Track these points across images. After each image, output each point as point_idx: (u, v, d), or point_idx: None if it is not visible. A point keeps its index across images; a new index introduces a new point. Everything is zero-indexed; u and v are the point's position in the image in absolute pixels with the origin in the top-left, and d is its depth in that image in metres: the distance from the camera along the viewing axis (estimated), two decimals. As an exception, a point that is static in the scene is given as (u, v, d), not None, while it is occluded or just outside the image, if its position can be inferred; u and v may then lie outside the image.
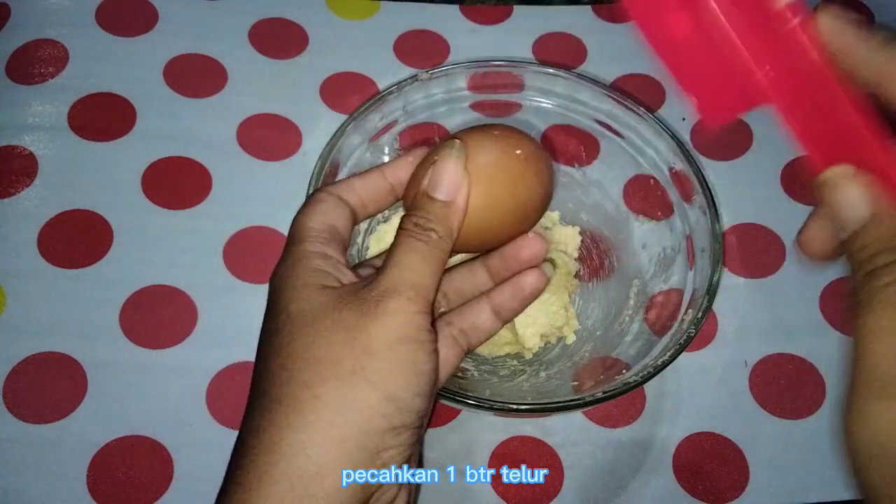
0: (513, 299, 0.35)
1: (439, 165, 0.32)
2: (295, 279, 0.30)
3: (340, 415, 0.27)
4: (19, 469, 0.44)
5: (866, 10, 0.64)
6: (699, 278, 0.43)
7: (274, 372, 0.29)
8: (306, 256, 0.31)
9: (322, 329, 0.28)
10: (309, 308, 0.29)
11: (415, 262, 0.30)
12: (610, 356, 0.45)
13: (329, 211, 0.33)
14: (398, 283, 0.29)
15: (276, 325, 0.29)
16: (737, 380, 0.49)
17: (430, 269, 0.30)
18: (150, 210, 0.53)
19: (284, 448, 0.27)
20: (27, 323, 0.48)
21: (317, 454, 0.27)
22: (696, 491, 0.45)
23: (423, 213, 0.31)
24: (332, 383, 0.27)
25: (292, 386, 0.28)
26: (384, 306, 0.28)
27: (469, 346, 0.35)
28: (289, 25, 0.62)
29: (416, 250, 0.30)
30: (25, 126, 0.55)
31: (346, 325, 0.28)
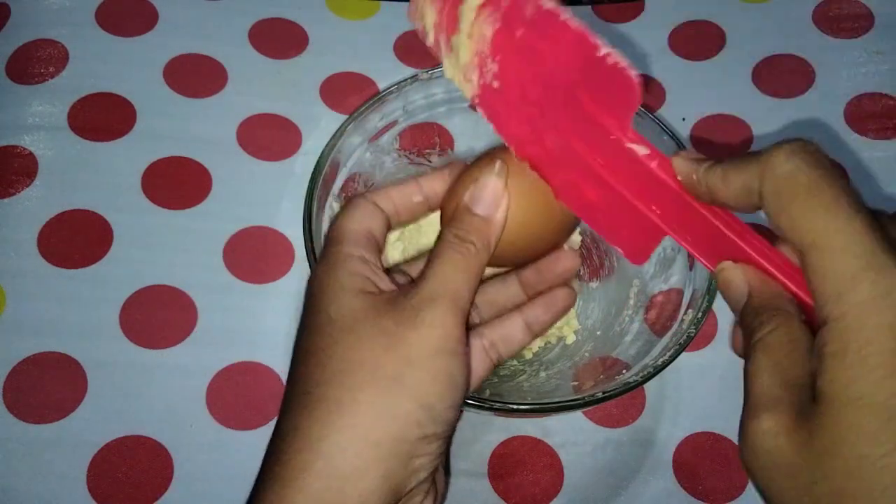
0: (546, 313, 0.37)
1: (481, 183, 0.33)
2: (336, 282, 0.31)
3: (379, 420, 0.28)
4: (19, 469, 0.44)
5: (866, 10, 0.64)
6: (699, 278, 0.43)
7: (314, 372, 0.29)
8: (347, 259, 0.31)
9: (363, 335, 0.29)
10: (350, 312, 0.30)
11: (453, 272, 0.31)
12: (610, 356, 0.45)
13: (367, 216, 0.33)
14: (437, 293, 0.30)
15: (316, 326, 0.30)
16: (737, 380, 0.48)
17: (467, 280, 0.31)
18: (150, 210, 0.53)
19: (324, 447, 0.28)
20: (27, 323, 0.48)
21: (354, 456, 0.28)
22: (696, 491, 0.45)
23: (464, 225, 0.32)
24: (372, 389, 0.28)
25: (333, 387, 0.28)
26: (423, 316, 0.29)
27: (499, 358, 0.36)
28: (289, 25, 0.62)
29: (454, 262, 0.31)
30: (25, 126, 0.55)
31: (386, 332, 0.29)
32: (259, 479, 0.29)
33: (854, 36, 0.63)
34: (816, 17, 0.64)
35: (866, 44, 0.62)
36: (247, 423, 0.46)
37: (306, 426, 0.28)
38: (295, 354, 0.31)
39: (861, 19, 0.63)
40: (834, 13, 0.64)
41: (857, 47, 0.62)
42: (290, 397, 0.30)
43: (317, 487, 0.27)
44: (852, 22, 0.63)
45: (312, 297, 0.31)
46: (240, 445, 0.45)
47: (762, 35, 0.63)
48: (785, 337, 0.25)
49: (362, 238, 0.33)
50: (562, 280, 0.37)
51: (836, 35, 0.63)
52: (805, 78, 0.61)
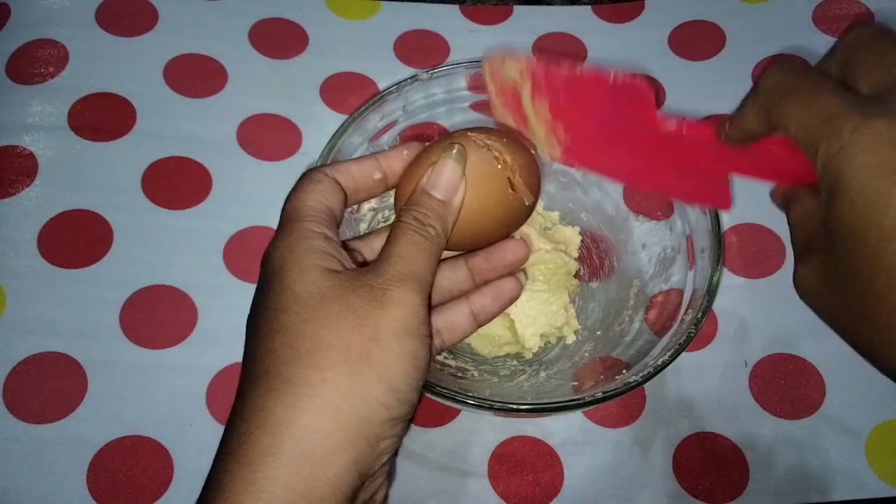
0: (493, 303, 0.37)
1: (440, 166, 0.33)
2: (300, 258, 0.30)
3: (347, 401, 0.27)
4: (19, 469, 0.44)
5: (865, 10, 0.64)
6: (699, 278, 0.43)
7: (280, 351, 0.28)
8: (309, 237, 0.31)
9: (331, 313, 0.29)
10: (317, 290, 0.29)
11: (417, 255, 0.31)
12: (610, 356, 0.45)
13: (326, 191, 0.33)
14: (404, 274, 0.30)
15: (281, 304, 0.29)
16: (737, 380, 0.49)
17: (429, 263, 0.31)
18: (150, 210, 0.53)
19: (293, 430, 0.27)
20: (27, 323, 0.48)
21: (323, 439, 0.27)
22: (696, 491, 0.45)
23: (423, 209, 0.32)
24: (342, 367, 0.28)
25: (301, 367, 0.28)
26: (391, 295, 0.29)
27: (442, 344, 0.36)
28: (289, 25, 0.62)
29: (417, 244, 0.31)
30: (25, 126, 0.55)
31: (354, 311, 0.29)
32: (219, 463, 0.28)
33: None
34: (816, 17, 0.64)
35: (866, 44, 0.62)
36: (247, 423, 0.46)
37: (272, 407, 0.27)
38: (255, 332, 0.30)
39: (861, 19, 0.63)
40: (834, 13, 0.64)
41: (857, 47, 0.62)
42: (253, 376, 0.29)
43: (286, 473, 0.26)
44: (852, 22, 0.63)
45: (275, 273, 0.30)
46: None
47: (762, 35, 0.63)
48: (799, 208, 0.32)
49: (323, 215, 0.32)
50: (511, 269, 0.37)
51: (836, 35, 0.63)
52: (805, 78, 0.61)
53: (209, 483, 0.28)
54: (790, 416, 0.48)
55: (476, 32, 0.63)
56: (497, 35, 0.63)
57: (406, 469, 0.45)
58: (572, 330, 0.48)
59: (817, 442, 0.47)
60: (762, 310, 0.51)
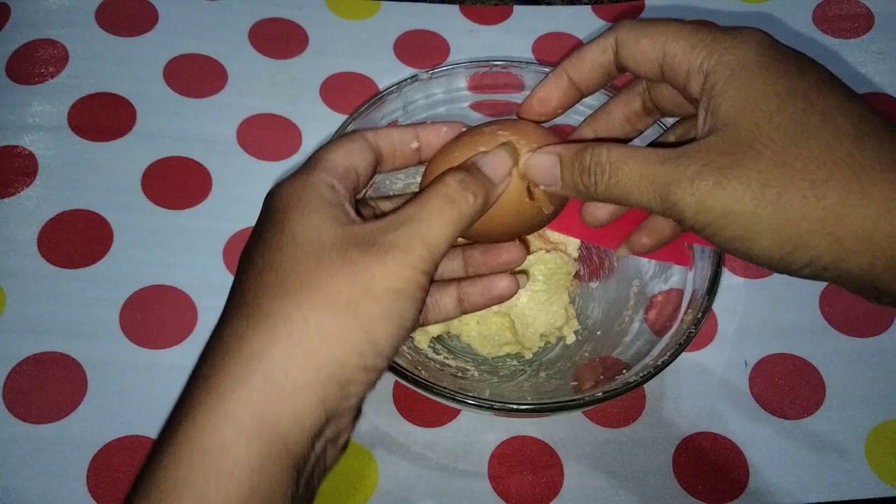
0: (481, 296, 0.36)
1: (493, 153, 0.32)
2: (306, 202, 0.30)
3: (325, 343, 0.27)
4: (19, 469, 0.44)
5: (866, 10, 0.64)
6: (699, 278, 0.43)
7: (268, 286, 0.28)
8: (319, 184, 0.31)
9: (326, 261, 0.28)
10: (317, 237, 0.29)
11: (441, 222, 0.30)
12: (610, 356, 0.45)
13: (355, 152, 0.33)
14: (415, 238, 0.29)
15: (278, 243, 0.29)
16: (737, 380, 0.49)
17: (450, 234, 0.30)
18: (150, 210, 0.53)
19: (265, 363, 0.27)
20: (27, 323, 0.48)
21: (295, 376, 0.27)
22: (696, 491, 0.45)
23: (471, 176, 0.31)
24: (326, 310, 0.27)
25: (285, 304, 0.28)
26: (395, 254, 0.28)
27: (424, 321, 0.36)
28: (289, 25, 0.62)
29: (444, 211, 0.30)
30: (25, 126, 0.55)
31: (351, 262, 0.28)
32: (190, 387, 0.28)
33: (854, 36, 0.63)
34: (816, 17, 0.64)
35: (866, 44, 0.62)
36: (247, 423, 0.46)
37: (249, 338, 0.27)
38: (248, 265, 0.30)
39: (861, 19, 0.63)
40: (834, 13, 0.64)
41: (857, 47, 0.62)
42: (236, 306, 0.29)
43: (254, 402, 0.26)
44: (852, 22, 0.63)
45: (276, 211, 0.30)
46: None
47: (762, 35, 0.63)
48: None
49: (341, 169, 0.32)
50: (504, 268, 0.37)
51: (836, 35, 0.63)
52: (805, 78, 0.61)
53: (179, 404, 0.28)
54: (790, 416, 0.48)
55: (476, 32, 0.63)
56: (497, 35, 0.63)
57: (406, 469, 0.46)
58: (572, 330, 0.48)
59: (817, 442, 0.47)
60: (762, 310, 0.51)
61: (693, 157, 0.28)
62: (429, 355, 0.47)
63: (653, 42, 0.31)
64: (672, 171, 0.28)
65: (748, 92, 0.28)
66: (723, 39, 0.30)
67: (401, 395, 0.48)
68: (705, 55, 0.30)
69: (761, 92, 0.28)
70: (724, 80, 0.29)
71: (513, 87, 0.50)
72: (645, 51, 0.32)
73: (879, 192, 0.26)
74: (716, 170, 0.27)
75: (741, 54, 0.29)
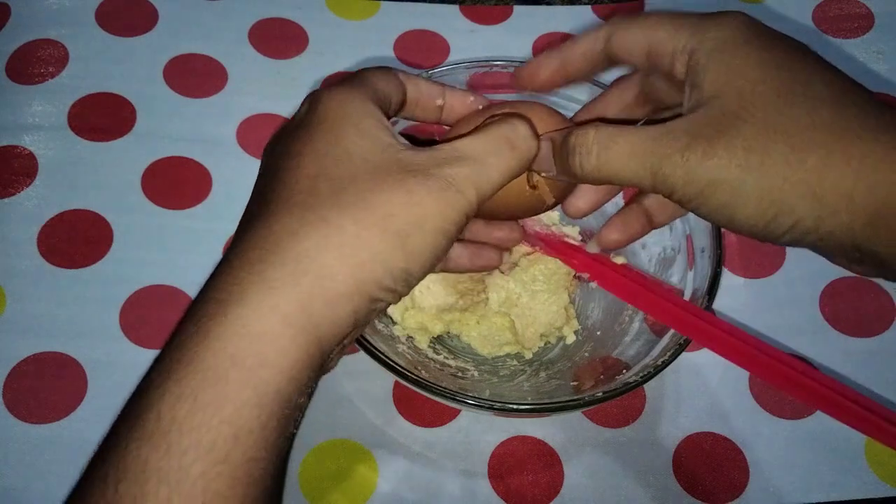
0: (468, 260, 0.37)
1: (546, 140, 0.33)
2: (361, 118, 0.30)
3: (370, 261, 0.28)
4: (19, 469, 0.44)
5: (866, 10, 0.64)
6: (699, 278, 0.43)
7: (323, 194, 0.28)
8: (370, 101, 0.31)
9: (384, 183, 0.28)
10: (374, 157, 0.29)
11: (499, 167, 0.30)
12: (610, 356, 0.45)
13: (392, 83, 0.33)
14: (471, 179, 0.29)
15: (334, 154, 0.29)
16: (737, 380, 0.49)
17: (503, 182, 0.31)
18: (150, 210, 0.53)
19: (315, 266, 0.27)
20: (27, 323, 0.48)
21: (340, 283, 0.27)
22: (696, 491, 0.45)
23: (530, 131, 0.32)
24: (378, 231, 0.28)
25: (341, 215, 0.28)
26: (450, 195, 0.29)
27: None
28: (289, 25, 0.62)
29: (506, 156, 0.31)
30: (25, 126, 0.55)
31: (408, 190, 0.28)
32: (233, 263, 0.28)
33: (854, 36, 0.63)
34: (816, 17, 0.64)
35: (866, 44, 0.62)
36: (247, 423, 0.46)
37: (302, 237, 0.27)
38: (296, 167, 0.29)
39: (861, 19, 0.63)
40: (834, 13, 0.64)
41: (857, 47, 0.62)
42: (288, 204, 0.29)
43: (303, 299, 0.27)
44: (852, 22, 0.63)
45: (327, 119, 0.30)
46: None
47: (762, 35, 0.63)
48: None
49: (382, 94, 0.32)
50: (498, 244, 0.38)
51: (836, 35, 0.63)
52: (805, 78, 0.61)
53: (218, 279, 0.28)
54: (790, 416, 0.48)
55: (476, 32, 0.63)
56: (497, 35, 0.63)
57: (406, 469, 0.45)
58: (572, 330, 0.48)
59: (817, 442, 0.47)
60: (762, 310, 0.51)
61: (681, 131, 0.28)
62: (429, 355, 0.47)
63: (640, 30, 0.32)
64: (661, 147, 0.28)
65: (731, 65, 0.29)
66: (705, 21, 0.31)
67: (401, 395, 0.48)
68: (689, 35, 0.30)
69: (744, 63, 0.29)
70: (707, 55, 0.29)
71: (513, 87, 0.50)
72: (633, 39, 0.32)
73: (860, 151, 0.26)
74: (703, 140, 0.28)
75: (724, 33, 0.30)
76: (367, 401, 0.47)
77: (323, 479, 0.45)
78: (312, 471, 0.45)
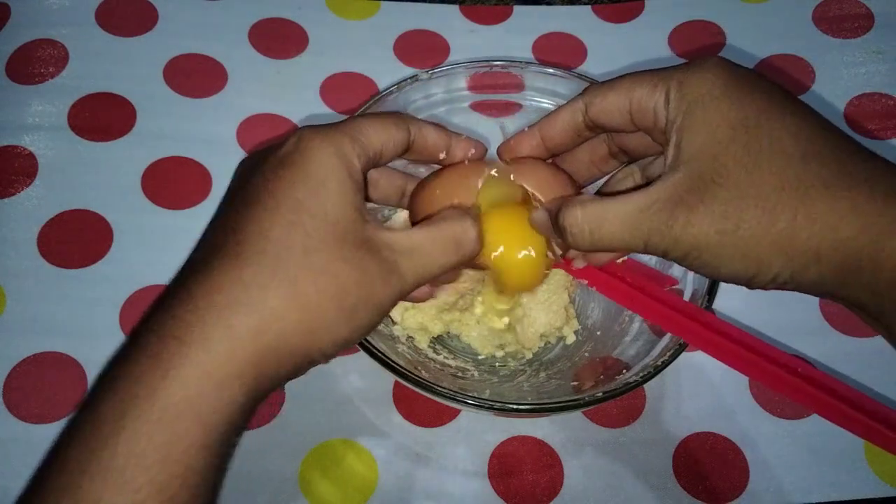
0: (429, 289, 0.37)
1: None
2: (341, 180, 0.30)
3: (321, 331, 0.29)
4: (19, 469, 0.44)
5: (866, 10, 0.64)
6: (699, 278, 0.43)
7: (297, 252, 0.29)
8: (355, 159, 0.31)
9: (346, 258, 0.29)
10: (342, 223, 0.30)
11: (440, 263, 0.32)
12: (610, 356, 0.45)
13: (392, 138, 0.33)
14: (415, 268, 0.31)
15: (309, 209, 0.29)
16: (737, 380, 0.49)
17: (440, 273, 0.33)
18: (150, 210, 0.53)
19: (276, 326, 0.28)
20: (27, 323, 0.48)
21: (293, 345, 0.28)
22: (696, 491, 0.45)
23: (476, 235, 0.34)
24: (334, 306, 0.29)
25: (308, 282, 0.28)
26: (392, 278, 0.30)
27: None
28: (289, 25, 0.62)
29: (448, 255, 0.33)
30: (25, 126, 0.55)
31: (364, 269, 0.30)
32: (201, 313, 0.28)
33: (854, 36, 0.63)
34: (816, 17, 0.64)
35: (866, 44, 0.62)
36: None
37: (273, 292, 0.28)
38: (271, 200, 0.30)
39: (861, 19, 0.63)
40: (834, 13, 0.64)
41: (857, 47, 0.62)
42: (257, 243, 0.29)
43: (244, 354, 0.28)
44: (852, 22, 0.63)
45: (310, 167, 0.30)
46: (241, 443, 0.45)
47: (762, 35, 0.63)
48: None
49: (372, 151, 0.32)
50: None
51: (836, 35, 0.63)
52: (805, 78, 0.61)
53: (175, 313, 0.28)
54: (790, 416, 0.48)
55: (476, 32, 0.63)
56: (497, 35, 0.63)
57: (406, 469, 0.46)
58: (572, 330, 0.48)
59: (817, 442, 0.47)
60: (762, 310, 0.51)
61: (662, 201, 0.31)
62: (429, 355, 0.47)
63: (618, 93, 0.34)
64: (648, 220, 0.31)
65: (705, 125, 0.31)
66: (680, 74, 0.32)
67: (401, 395, 0.48)
68: (666, 91, 0.32)
69: (717, 124, 0.30)
70: (684, 114, 0.31)
71: (513, 87, 0.50)
72: (612, 102, 0.34)
73: (822, 210, 0.28)
74: (685, 209, 0.30)
75: (697, 87, 0.31)
76: (367, 401, 0.47)
77: (323, 479, 0.45)
78: (312, 471, 0.45)
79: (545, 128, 0.37)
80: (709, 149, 0.30)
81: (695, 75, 0.32)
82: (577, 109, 0.35)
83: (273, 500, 0.44)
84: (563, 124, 0.36)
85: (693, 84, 0.32)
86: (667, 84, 0.32)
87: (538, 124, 0.37)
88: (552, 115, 0.37)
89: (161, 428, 0.26)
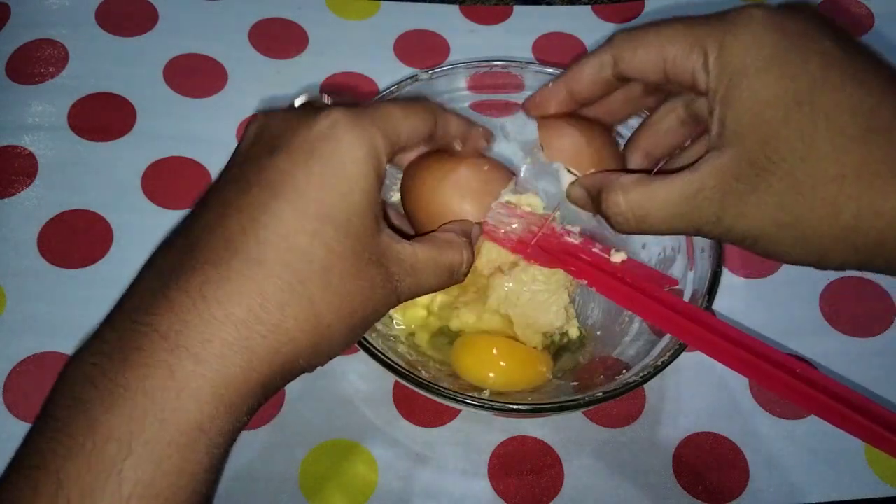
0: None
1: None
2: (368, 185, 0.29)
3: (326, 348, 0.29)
4: (19, 469, 0.43)
5: (866, 10, 0.64)
6: (699, 278, 0.43)
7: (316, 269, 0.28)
8: (382, 155, 0.30)
9: (358, 273, 0.29)
10: (359, 237, 0.29)
11: (431, 287, 0.33)
12: (610, 356, 0.45)
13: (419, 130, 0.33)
14: (411, 287, 0.32)
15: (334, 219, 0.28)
16: (737, 380, 0.49)
17: (426, 293, 0.33)
18: (150, 210, 0.53)
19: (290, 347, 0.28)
20: (27, 323, 0.48)
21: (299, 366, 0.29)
22: (696, 491, 0.45)
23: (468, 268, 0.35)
24: (344, 327, 0.29)
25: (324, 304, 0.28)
26: (391, 296, 0.31)
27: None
28: (289, 25, 0.62)
29: (441, 281, 0.33)
30: (25, 126, 0.55)
31: (372, 284, 0.30)
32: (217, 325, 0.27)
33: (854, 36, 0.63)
34: (816, 17, 0.64)
35: (866, 44, 0.62)
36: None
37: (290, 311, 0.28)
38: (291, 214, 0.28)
39: (861, 19, 0.63)
40: (834, 13, 0.64)
41: (857, 47, 0.62)
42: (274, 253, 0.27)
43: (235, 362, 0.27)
44: (852, 22, 0.63)
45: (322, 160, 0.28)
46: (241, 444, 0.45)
47: (762, 35, 0.63)
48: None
49: (401, 142, 0.31)
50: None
51: (836, 35, 0.63)
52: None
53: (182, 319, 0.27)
54: (790, 415, 0.48)
55: (476, 32, 0.63)
56: (497, 35, 0.63)
57: (406, 469, 0.45)
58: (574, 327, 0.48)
59: (817, 442, 0.47)
60: (762, 310, 0.51)
61: (713, 189, 0.29)
62: (428, 353, 0.47)
63: (650, 50, 0.32)
64: (699, 210, 0.30)
65: (751, 101, 0.29)
66: (719, 34, 0.30)
67: (401, 395, 0.48)
68: (704, 54, 0.30)
69: (765, 101, 0.28)
70: (726, 86, 0.29)
71: (513, 87, 0.50)
72: (644, 60, 0.32)
73: (890, 204, 0.27)
74: (736, 199, 0.29)
75: (740, 56, 0.29)
76: (367, 401, 0.47)
77: (323, 479, 0.45)
78: (312, 471, 0.45)
79: (571, 82, 0.35)
80: (757, 130, 0.28)
81: (737, 40, 0.29)
82: (606, 63, 0.33)
83: (273, 500, 0.44)
84: (591, 78, 0.34)
85: (735, 52, 0.29)
86: (704, 46, 0.30)
87: (563, 78, 0.35)
88: (577, 68, 0.34)
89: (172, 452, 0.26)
